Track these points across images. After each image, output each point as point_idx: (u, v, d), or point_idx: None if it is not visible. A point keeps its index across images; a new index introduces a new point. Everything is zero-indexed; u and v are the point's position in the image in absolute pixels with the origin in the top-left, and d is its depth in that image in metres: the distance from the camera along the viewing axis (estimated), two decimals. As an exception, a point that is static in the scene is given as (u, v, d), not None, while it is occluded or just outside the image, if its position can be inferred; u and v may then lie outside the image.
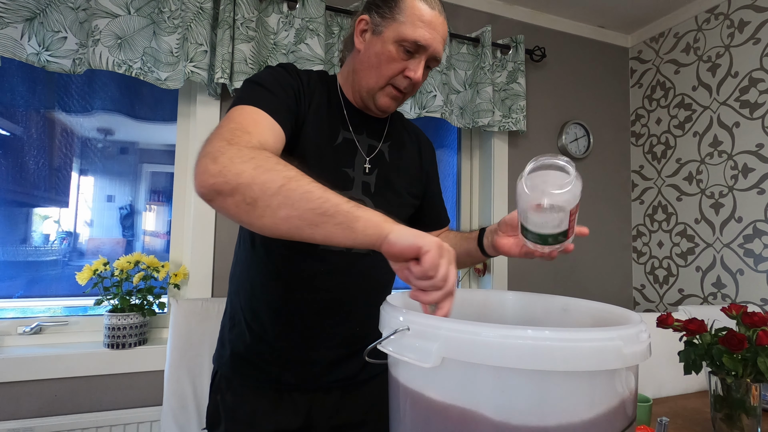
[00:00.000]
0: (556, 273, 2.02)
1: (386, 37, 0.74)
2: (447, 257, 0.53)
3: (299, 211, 0.53)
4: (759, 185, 1.69)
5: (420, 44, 0.74)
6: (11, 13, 1.18)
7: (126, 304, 1.32)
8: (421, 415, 0.49)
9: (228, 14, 1.40)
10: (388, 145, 0.87)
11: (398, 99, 0.80)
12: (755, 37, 1.73)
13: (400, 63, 0.75)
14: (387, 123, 0.89)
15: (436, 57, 0.77)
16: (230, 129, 0.61)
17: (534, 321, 0.71)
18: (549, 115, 2.06)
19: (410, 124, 0.98)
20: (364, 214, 0.54)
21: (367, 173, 0.83)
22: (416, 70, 0.75)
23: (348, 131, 0.82)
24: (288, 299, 0.79)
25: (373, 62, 0.77)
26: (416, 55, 0.75)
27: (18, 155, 1.38)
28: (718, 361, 0.86)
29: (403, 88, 0.78)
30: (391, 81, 0.77)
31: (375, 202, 0.82)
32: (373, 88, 0.78)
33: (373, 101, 0.80)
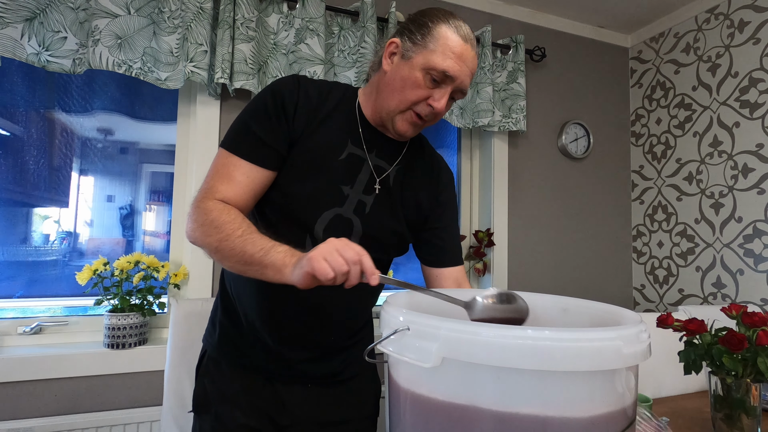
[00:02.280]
0: (556, 273, 2.02)
1: (415, 63, 0.75)
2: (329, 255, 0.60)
3: (232, 263, 0.69)
4: (759, 185, 1.69)
5: (448, 75, 0.74)
6: (11, 13, 1.18)
7: (126, 304, 1.32)
8: (421, 415, 0.49)
9: (228, 14, 1.40)
10: (397, 169, 0.86)
11: (417, 126, 0.79)
12: (755, 37, 1.73)
13: (425, 90, 0.75)
14: (404, 147, 0.88)
15: (462, 89, 0.77)
16: (202, 190, 0.75)
17: (534, 321, 0.71)
18: (549, 115, 2.06)
19: (432, 152, 0.96)
20: (271, 260, 0.65)
21: (366, 192, 0.82)
22: (440, 100, 0.75)
23: (357, 147, 0.82)
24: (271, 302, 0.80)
25: (398, 86, 0.76)
26: (442, 85, 0.75)
27: (18, 155, 1.38)
28: (718, 361, 0.86)
29: (425, 116, 0.77)
30: (413, 107, 0.77)
31: (366, 223, 0.81)
32: (393, 111, 0.78)
33: (392, 124, 0.80)
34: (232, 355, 0.84)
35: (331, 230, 0.79)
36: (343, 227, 0.80)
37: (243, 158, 0.75)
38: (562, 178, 2.07)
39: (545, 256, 2.01)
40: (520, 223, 1.96)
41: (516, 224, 1.95)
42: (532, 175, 2.01)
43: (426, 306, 0.66)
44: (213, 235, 0.70)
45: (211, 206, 0.72)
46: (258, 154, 0.76)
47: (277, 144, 0.77)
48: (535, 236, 1.99)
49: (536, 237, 1.99)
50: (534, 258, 1.98)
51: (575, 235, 2.08)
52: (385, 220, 0.84)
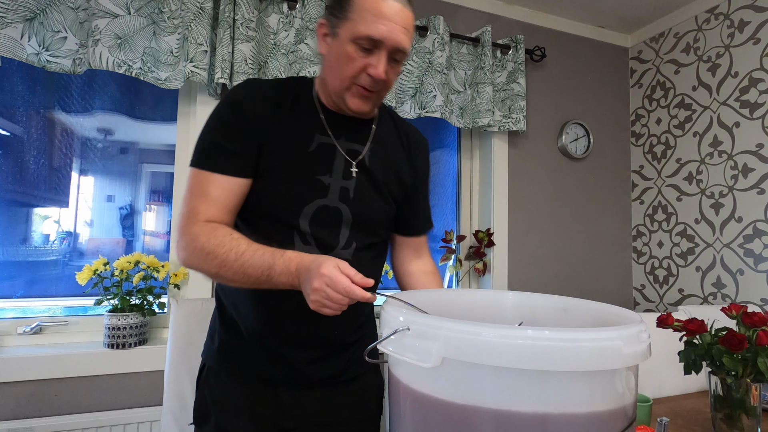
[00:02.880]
0: (556, 273, 2.02)
1: (343, 38, 0.73)
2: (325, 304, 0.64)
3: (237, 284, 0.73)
4: (759, 185, 1.69)
5: (374, 39, 0.71)
6: (11, 13, 1.18)
7: (126, 304, 1.32)
8: (421, 414, 0.49)
9: (228, 14, 1.40)
10: (371, 149, 0.85)
11: (369, 98, 0.78)
12: (755, 37, 1.73)
13: (359, 61, 0.73)
14: (372, 125, 0.87)
15: (398, 49, 0.74)
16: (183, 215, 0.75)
17: (534, 321, 0.71)
18: (549, 115, 2.06)
19: (404, 125, 0.95)
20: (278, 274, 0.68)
21: (346, 178, 0.81)
22: (377, 66, 0.73)
23: (325, 136, 0.81)
24: (266, 303, 0.79)
25: (335, 65, 0.76)
26: (375, 51, 0.73)
27: (18, 155, 1.37)
28: (718, 361, 0.86)
29: (369, 86, 0.75)
30: (355, 81, 0.75)
31: (354, 209, 0.81)
32: (339, 90, 0.77)
33: (344, 104, 0.79)
34: (233, 364, 0.82)
35: (318, 222, 0.78)
36: (331, 217, 0.79)
37: (215, 172, 0.75)
38: (562, 178, 2.07)
39: (545, 256, 2.01)
40: (520, 223, 1.96)
41: (516, 224, 1.95)
42: (532, 175, 2.01)
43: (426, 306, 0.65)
44: (208, 262, 0.71)
45: (197, 231, 0.72)
46: (229, 164, 0.76)
47: (245, 151, 0.77)
48: (535, 236, 1.99)
49: (536, 237, 1.99)
50: (534, 258, 1.98)
51: (575, 235, 2.08)
52: (372, 201, 0.84)
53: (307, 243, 0.78)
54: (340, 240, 0.81)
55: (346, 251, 0.81)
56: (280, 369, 0.81)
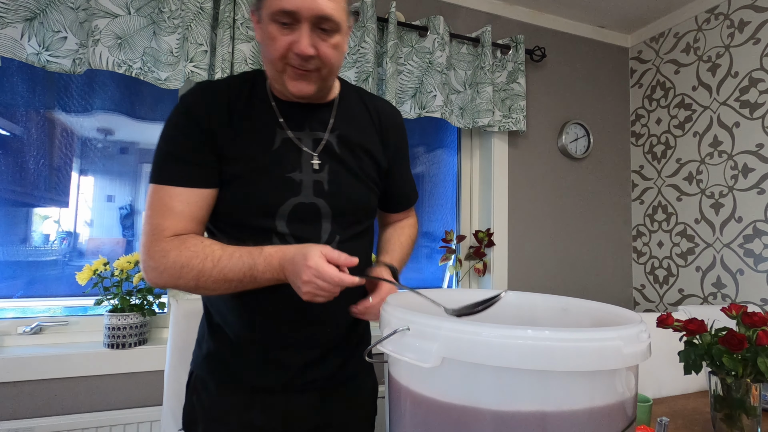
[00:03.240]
0: (556, 273, 2.02)
1: (264, 19, 0.70)
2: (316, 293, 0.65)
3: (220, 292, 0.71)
4: (759, 185, 1.69)
5: (288, 11, 0.66)
6: (11, 13, 1.18)
7: (126, 304, 1.32)
8: (421, 414, 0.49)
9: (228, 14, 1.40)
10: (337, 135, 0.81)
11: (308, 77, 0.72)
12: (755, 37, 1.73)
13: (282, 39, 0.69)
14: (333, 108, 0.82)
15: (320, 16, 0.68)
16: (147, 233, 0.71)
17: (534, 321, 0.71)
18: (549, 115, 2.06)
19: (374, 100, 0.90)
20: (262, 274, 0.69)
21: (317, 170, 0.77)
22: (301, 41, 0.68)
23: (286, 130, 0.77)
24: (252, 308, 0.77)
25: (263, 50, 0.72)
26: (295, 25, 0.68)
27: (18, 155, 1.37)
28: (718, 361, 0.86)
29: (300, 65, 0.70)
30: (286, 61, 0.71)
31: (331, 202, 0.78)
32: (275, 76, 0.73)
33: (287, 90, 0.74)
34: (221, 372, 0.80)
35: (295, 221, 0.76)
36: (309, 213, 0.76)
37: (176, 186, 0.71)
38: (562, 178, 2.07)
39: (545, 256, 2.01)
40: (520, 223, 1.96)
41: (516, 224, 1.95)
42: (532, 175, 2.01)
43: (426, 306, 0.66)
44: (184, 275, 0.68)
45: (165, 247, 0.69)
46: (189, 176, 0.72)
47: (204, 160, 0.73)
48: (535, 236, 1.99)
49: (536, 237, 1.99)
50: (534, 258, 1.98)
51: (575, 235, 2.08)
52: (350, 190, 0.80)
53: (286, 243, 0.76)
54: (322, 236, 0.78)
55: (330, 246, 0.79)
56: (271, 374, 0.78)
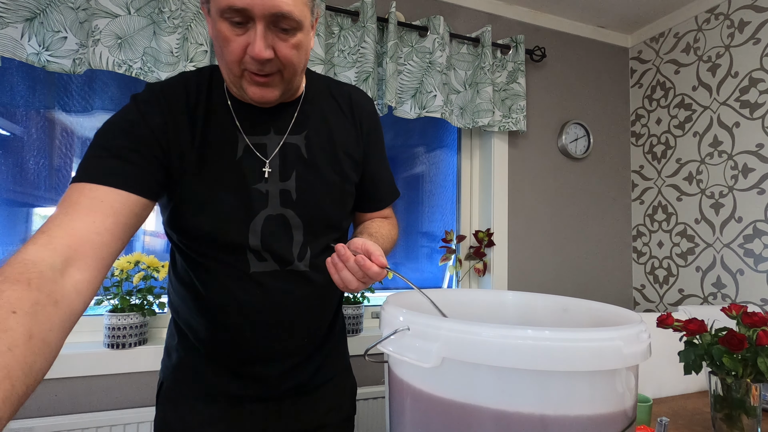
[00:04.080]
0: (556, 273, 2.03)
1: (214, 16, 0.60)
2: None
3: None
4: (759, 185, 1.69)
5: (237, 8, 0.57)
6: (11, 13, 1.18)
7: (126, 304, 1.32)
8: (421, 414, 0.49)
9: (228, 14, 1.40)
10: (305, 135, 0.73)
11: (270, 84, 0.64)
12: (755, 37, 1.73)
13: (235, 42, 0.60)
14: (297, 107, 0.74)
15: (276, 14, 0.58)
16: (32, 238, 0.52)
17: (534, 321, 0.71)
18: (549, 115, 2.06)
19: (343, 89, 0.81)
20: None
21: (283, 180, 0.70)
22: (256, 43, 0.58)
23: (249, 135, 0.69)
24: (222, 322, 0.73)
25: (217, 51, 0.63)
26: (249, 24, 0.59)
27: (18, 155, 1.37)
28: (718, 361, 0.86)
29: (258, 70, 0.61)
30: (243, 65, 0.62)
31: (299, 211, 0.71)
32: (233, 81, 0.65)
33: (246, 95, 0.66)
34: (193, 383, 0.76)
35: (267, 235, 0.70)
36: (278, 226, 0.70)
37: (98, 183, 0.57)
38: (562, 178, 2.07)
39: (545, 256, 2.01)
40: (520, 223, 1.96)
41: (516, 224, 1.95)
42: (532, 175, 2.01)
43: (426, 306, 0.66)
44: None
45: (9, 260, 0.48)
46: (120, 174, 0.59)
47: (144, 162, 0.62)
48: (535, 236, 1.99)
49: (536, 237, 1.99)
50: (534, 258, 1.98)
51: (575, 235, 2.08)
52: (319, 197, 0.73)
53: (263, 260, 0.71)
54: (293, 249, 0.72)
55: (302, 262, 0.73)
56: (245, 385, 0.75)
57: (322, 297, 0.78)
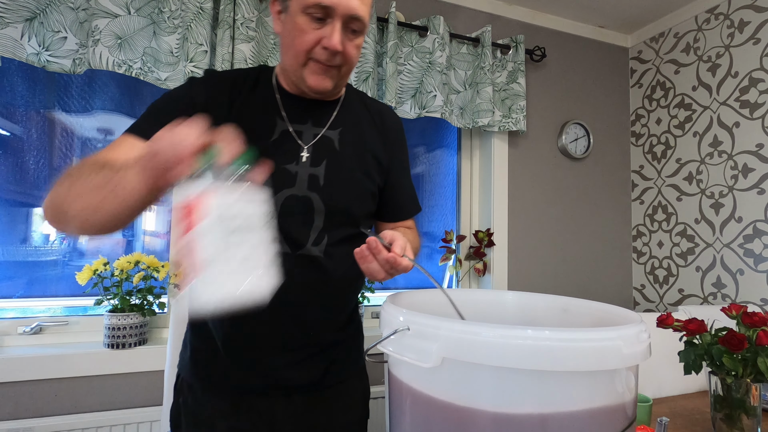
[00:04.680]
0: (556, 273, 2.02)
1: (293, 10, 0.69)
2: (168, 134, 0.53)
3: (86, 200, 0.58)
4: (759, 185, 1.69)
5: (324, 5, 0.67)
6: (11, 13, 1.18)
7: (126, 304, 1.32)
8: (421, 414, 0.49)
9: (228, 14, 1.40)
10: (339, 131, 0.80)
11: (330, 73, 0.73)
12: (755, 37, 1.73)
13: (312, 33, 0.69)
14: (337, 107, 0.82)
15: (352, 16, 0.68)
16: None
17: (534, 321, 0.71)
18: (549, 115, 2.06)
19: (376, 105, 0.90)
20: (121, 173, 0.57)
21: (312, 165, 0.76)
22: (331, 36, 0.68)
23: (288, 122, 0.77)
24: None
25: (288, 41, 0.71)
26: (328, 20, 0.68)
27: (18, 155, 1.37)
28: (718, 361, 0.86)
29: (326, 60, 0.71)
30: (311, 56, 0.71)
31: (324, 197, 0.75)
32: (296, 69, 0.73)
33: (304, 84, 0.74)
34: (205, 374, 0.78)
35: (287, 214, 0.73)
36: (301, 207, 0.74)
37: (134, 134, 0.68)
38: (562, 178, 2.07)
39: (545, 256, 2.01)
40: (520, 223, 1.96)
41: (516, 224, 1.95)
42: (532, 175, 2.01)
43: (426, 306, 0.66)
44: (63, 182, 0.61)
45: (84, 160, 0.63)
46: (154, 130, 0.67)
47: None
48: (535, 236, 1.99)
49: (536, 237, 1.99)
50: (534, 258, 1.98)
51: (575, 235, 2.08)
52: (346, 187, 0.78)
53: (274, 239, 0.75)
54: (311, 235, 0.75)
55: (317, 247, 0.75)
56: (256, 376, 0.76)
57: (334, 288, 0.79)
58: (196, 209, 0.42)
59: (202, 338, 0.79)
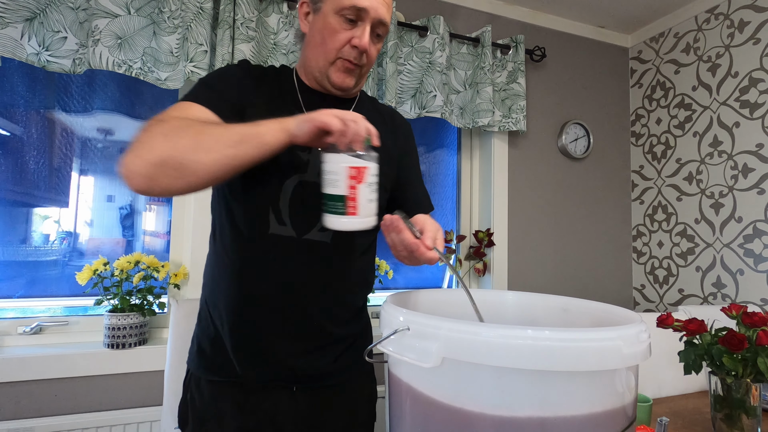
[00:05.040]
0: (556, 273, 2.03)
1: (326, 11, 0.74)
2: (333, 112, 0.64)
3: (219, 152, 0.61)
4: (759, 185, 1.69)
5: (359, 8, 0.73)
6: (11, 13, 1.18)
7: (126, 304, 1.32)
8: (421, 414, 0.49)
9: (228, 14, 1.40)
10: None
11: (353, 72, 0.79)
12: (755, 37, 1.73)
13: (343, 33, 0.74)
14: (353, 106, 0.87)
15: (380, 20, 0.75)
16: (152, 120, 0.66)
17: (534, 321, 0.71)
18: (549, 115, 2.06)
19: (384, 107, 0.95)
20: (265, 127, 0.64)
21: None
22: (362, 37, 0.74)
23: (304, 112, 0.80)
24: (241, 289, 0.76)
25: (318, 39, 0.76)
26: (359, 23, 0.74)
27: (18, 155, 1.38)
28: (718, 361, 0.87)
29: (354, 59, 0.76)
30: (340, 54, 0.76)
31: None
32: (323, 66, 0.78)
33: (328, 80, 0.79)
34: (211, 369, 0.79)
35: (297, 200, 0.76)
36: (311, 193, 0.75)
37: (196, 103, 0.71)
38: (562, 178, 2.07)
39: (545, 256, 2.01)
40: (520, 223, 1.96)
41: (516, 224, 1.95)
42: (532, 175, 2.01)
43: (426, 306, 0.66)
44: (182, 136, 0.61)
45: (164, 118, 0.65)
46: (217, 104, 0.72)
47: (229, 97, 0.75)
48: (535, 236, 1.99)
49: (536, 237, 1.99)
50: (534, 258, 1.98)
51: (575, 235, 2.08)
52: None
53: (282, 223, 0.76)
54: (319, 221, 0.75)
55: (326, 232, 0.76)
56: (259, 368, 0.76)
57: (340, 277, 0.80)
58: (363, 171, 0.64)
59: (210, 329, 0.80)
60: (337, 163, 0.64)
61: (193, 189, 0.63)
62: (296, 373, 0.78)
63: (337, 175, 0.64)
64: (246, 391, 0.77)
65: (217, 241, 0.81)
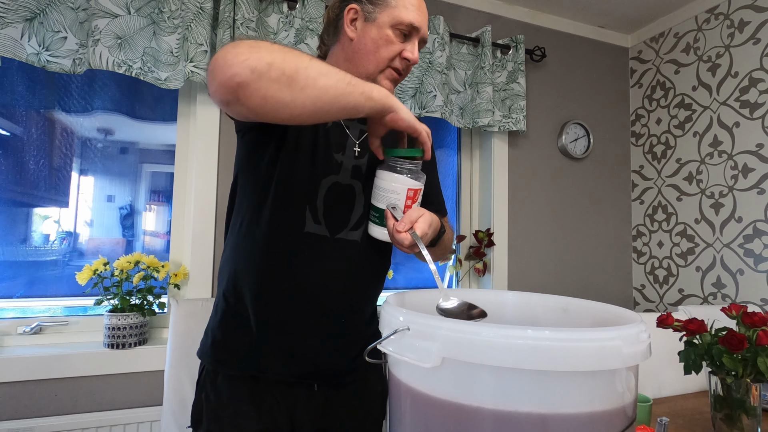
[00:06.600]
0: (556, 273, 2.02)
1: (381, 22, 0.78)
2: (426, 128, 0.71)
3: (334, 80, 0.62)
4: (759, 185, 1.69)
5: (414, 26, 0.79)
6: (11, 13, 1.18)
7: (126, 304, 1.32)
8: (421, 414, 0.49)
9: (228, 14, 1.40)
10: None
11: (396, 81, 0.84)
12: (755, 37, 1.73)
13: (397, 45, 0.79)
14: None
15: (424, 38, 0.83)
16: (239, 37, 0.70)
17: (534, 321, 0.71)
18: (549, 115, 2.06)
19: None
20: (375, 87, 0.66)
21: (357, 157, 0.83)
22: (413, 51, 0.80)
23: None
24: (272, 284, 0.77)
25: (371, 48, 0.80)
26: (411, 37, 0.80)
27: (18, 155, 1.38)
28: (718, 361, 0.87)
29: (402, 69, 0.82)
30: (390, 64, 0.81)
31: (367, 184, 0.81)
32: (373, 73, 0.81)
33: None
34: (231, 362, 0.79)
35: (331, 199, 0.79)
36: (344, 194, 0.80)
37: None
38: (562, 178, 2.07)
39: (545, 256, 2.01)
40: (520, 223, 1.96)
41: (516, 224, 1.95)
42: (532, 175, 2.01)
43: (426, 306, 0.66)
44: (289, 60, 0.60)
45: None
46: None
47: None
48: (535, 236, 1.99)
49: (536, 237, 1.99)
50: (534, 258, 1.98)
51: (575, 235, 2.08)
52: None
53: (317, 221, 0.78)
54: (352, 219, 0.81)
55: (356, 232, 0.81)
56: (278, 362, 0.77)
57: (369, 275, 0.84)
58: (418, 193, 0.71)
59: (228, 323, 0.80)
60: (398, 183, 0.69)
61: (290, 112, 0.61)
62: (320, 370, 0.79)
63: (396, 194, 0.69)
64: (264, 386, 0.78)
65: (244, 235, 0.80)
